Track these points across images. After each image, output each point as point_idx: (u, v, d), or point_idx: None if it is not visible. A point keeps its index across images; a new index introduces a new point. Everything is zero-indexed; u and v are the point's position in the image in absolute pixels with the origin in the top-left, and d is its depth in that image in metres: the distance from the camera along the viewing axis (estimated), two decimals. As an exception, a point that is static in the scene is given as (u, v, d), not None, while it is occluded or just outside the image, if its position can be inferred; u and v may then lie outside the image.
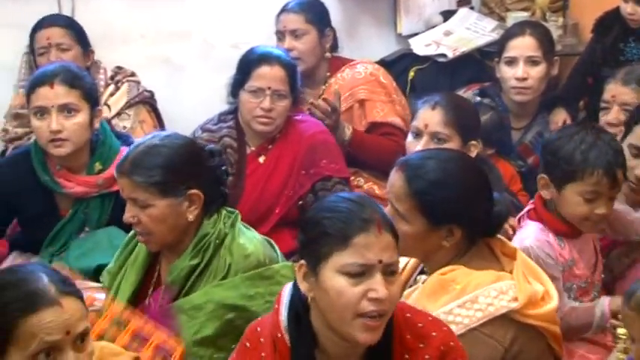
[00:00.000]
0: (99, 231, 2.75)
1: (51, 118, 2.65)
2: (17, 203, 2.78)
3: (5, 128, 3.41)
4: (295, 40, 3.38)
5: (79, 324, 1.63)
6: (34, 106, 2.68)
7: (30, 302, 1.59)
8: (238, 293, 2.16)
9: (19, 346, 1.59)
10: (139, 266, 2.29)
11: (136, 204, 2.18)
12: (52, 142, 2.67)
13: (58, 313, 1.60)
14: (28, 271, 1.66)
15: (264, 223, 2.94)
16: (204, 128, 3.12)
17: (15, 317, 1.58)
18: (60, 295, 1.61)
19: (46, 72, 2.74)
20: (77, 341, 1.63)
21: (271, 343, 1.75)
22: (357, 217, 1.69)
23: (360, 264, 1.67)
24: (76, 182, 2.74)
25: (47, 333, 1.58)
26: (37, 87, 2.68)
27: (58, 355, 1.60)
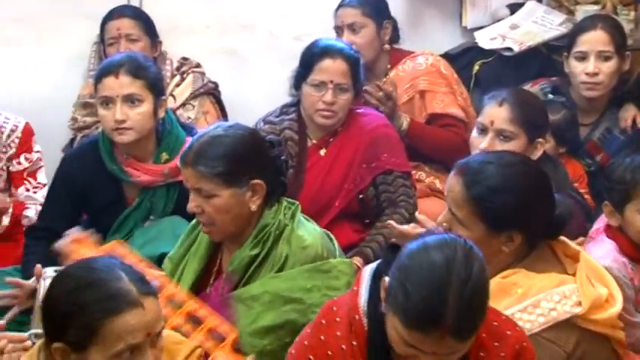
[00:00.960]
0: (163, 220, 2.78)
1: (116, 108, 2.69)
2: (86, 191, 2.82)
3: (74, 117, 3.47)
4: (353, 34, 3.37)
5: (158, 324, 1.65)
6: (100, 96, 2.73)
7: (114, 304, 1.60)
8: (295, 285, 2.17)
9: (103, 346, 1.60)
10: (201, 255, 2.31)
11: (200, 194, 2.19)
12: (117, 130, 2.71)
13: (140, 315, 1.61)
14: (107, 269, 1.66)
15: (324, 216, 2.93)
16: (266, 120, 3.12)
17: (98, 318, 1.59)
18: (141, 297, 1.63)
19: (112, 62, 2.78)
20: (154, 339, 1.65)
21: (347, 323, 1.75)
22: (424, 314, 1.60)
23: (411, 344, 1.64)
24: (143, 171, 2.78)
25: (131, 335, 1.60)
26: (103, 77, 2.73)
27: (138, 354, 1.62)
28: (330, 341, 1.75)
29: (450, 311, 1.58)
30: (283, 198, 2.30)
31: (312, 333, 1.81)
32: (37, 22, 3.60)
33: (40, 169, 3.13)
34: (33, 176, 3.11)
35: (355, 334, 1.74)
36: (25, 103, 3.37)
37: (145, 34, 3.40)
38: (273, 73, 3.57)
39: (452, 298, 1.59)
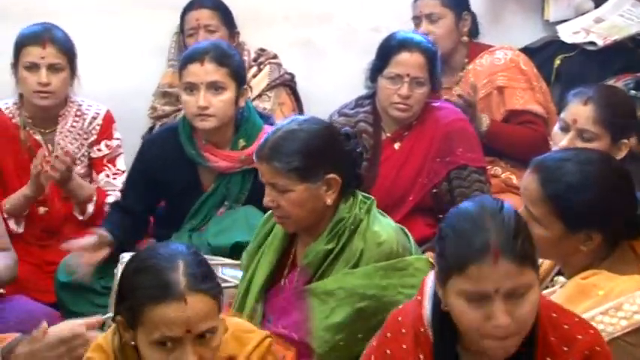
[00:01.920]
0: (237, 209, 2.81)
1: (199, 94, 2.73)
2: (164, 177, 2.86)
3: (154, 106, 3.53)
4: (431, 24, 3.33)
5: (202, 323, 1.63)
6: (185, 82, 2.77)
7: (158, 292, 1.62)
8: (371, 282, 2.15)
9: (144, 331, 1.64)
10: (275, 247, 2.31)
11: (275, 189, 2.20)
12: (199, 116, 2.74)
13: (181, 309, 1.61)
14: (168, 257, 1.67)
15: (398, 210, 2.92)
16: (341, 112, 3.11)
17: (143, 303, 1.62)
18: (189, 292, 1.62)
19: (198, 49, 2.81)
20: (200, 337, 1.64)
21: (413, 335, 1.72)
22: (472, 245, 1.59)
23: (474, 291, 1.59)
24: (220, 157, 2.81)
25: (168, 327, 1.61)
26: (189, 63, 2.76)
27: (178, 348, 1.63)
28: (396, 355, 1.71)
29: (492, 232, 1.59)
30: (359, 192, 2.29)
31: (378, 346, 1.78)
32: (121, 13, 3.67)
33: (119, 156, 3.19)
34: (113, 163, 3.17)
35: (421, 346, 1.70)
36: (106, 91, 3.44)
37: (224, 24, 3.43)
38: (349, 65, 3.55)
39: (490, 222, 1.60)
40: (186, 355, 1.62)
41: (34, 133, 3.08)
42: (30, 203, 2.97)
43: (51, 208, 3.05)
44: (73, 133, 3.12)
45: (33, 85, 2.97)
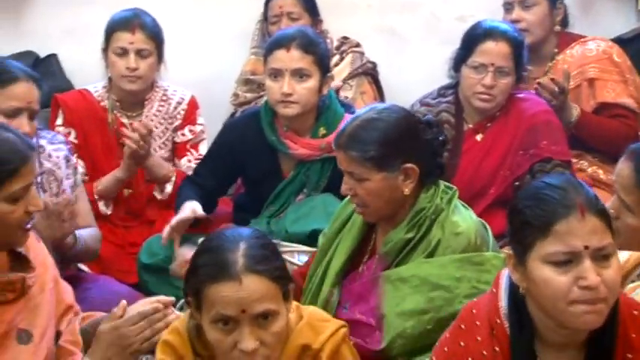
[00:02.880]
0: (315, 197, 2.82)
1: (284, 81, 2.74)
2: (244, 162, 2.90)
3: (236, 93, 3.57)
4: (524, 10, 3.26)
5: (258, 304, 1.65)
6: (270, 68, 2.78)
7: (215, 271, 1.65)
8: (445, 273, 2.13)
9: (205, 310, 1.67)
10: (355, 234, 2.31)
11: (353, 177, 2.19)
12: (282, 102, 2.75)
13: (235, 289, 1.64)
14: (231, 238, 1.71)
15: (478, 202, 2.88)
16: (423, 102, 3.09)
17: (202, 281, 1.66)
18: (244, 272, 1.65)
19: (285, 35, 2.82)
20: (259, 319, 1.66)
21: (488, 327, 1.70)
22: (557, 203, 1.59)
23: (564, 252, 1.57)
24: (301, 144, 2.82)
25: (222, 306, 1.64)
26: (275, 49, 2.77)
27: (236, 328, 1.65)
28: (470, 347, 1.70)
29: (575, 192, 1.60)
30: (441, 181, 2.26)
31: (452, 338, 1.76)
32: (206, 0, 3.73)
33: (202, 141, 3.23)
34: (195, 148, 3.22)
35: (497, 338, 1.68)
36: (191, 77, 3.50)
37: (307, 12, 3.44)
38: (432, 54, 3.52)
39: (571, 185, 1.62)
40: (243, 335, 1.63)
41: (121, 116, 3.15)
42: (121, 185, 3.05)
43: (135, 191, 3.12)
44: (158, 117, 3.18)
45: (122, 70, 3.04)
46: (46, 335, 1.94)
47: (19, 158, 1.85)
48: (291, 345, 1.73)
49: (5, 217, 1.85)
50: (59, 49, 3.74)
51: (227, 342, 1.64)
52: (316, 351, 1.78)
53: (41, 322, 1.94)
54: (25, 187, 1.87)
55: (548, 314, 1.63)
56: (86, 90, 3.18)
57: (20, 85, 2.38)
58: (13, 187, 1.84)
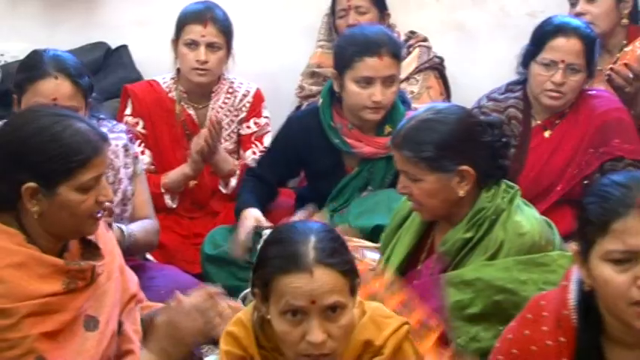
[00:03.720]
0: (379, 192, 2.81)
1: (376, 88, 2.72)
2: (307, 157, 2.91)
3: (301, 85, 3.58)
4: (589, 3, 3.20)
5: (328, 296, 1.65)
6: (360, 76, 2.73)
7: (286, 263, 1.66)
8: (510, 276, 2.10)
9: (274, 301, 1.68)
10: (413, 232, 2.30)
11: (407, 176, 2.19)
12: (372, 109, 2.74)
13: (306, 280, 1.64)
14: (302, 231, 1.72)
15: (545, 200, 2.84)
16: (491, 97, 3.04)
17: (272, 272, 1.67)
18: (315, 265, 1.65)
19: (374, 42, 2.73)
20: (327, 312, 1.66)
21: (555, 319, 1.67)
22: (617, 201, 1.56)
23: (621, 251, 1.54)
24: (366, 142, 2.81)
25: (292, 296, 1.64)
26: (366, 56, 2.72)
27: (304, 319, 1.66)
28: (534, 336, 1.68)
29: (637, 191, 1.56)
30: (503, 181, 2.23)
31: (517, 327, 1.74)
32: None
33: (266, 134, 3.25)
34: (260, 140, 3.23)
35: (563, 330, 1.65)
36: (257, 70, 3.52)
37: (374, 6, 3.41)
38: (501, 50, 3.47)
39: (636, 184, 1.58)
40: (313, 327, 1.64)
41: (188, 107, 3.19)
42: (188, 181, 3.09)
43: (200, 183, 3.15)
44: (224, 110, 3.21)
45: (191, 62, 3.07)
46: (110, 322, 1.98)
47: (90, 149, 1.88)
48: (354, 340, 1.73)
49: (76, 206, 1.88)
50: (130, 40, 3.80)
51: (295, 334, 1.65)
52: (378, 347, 1.77)
53: (107, 309, 1.97)
54: (96, 177, 1.89)
55: (611, 313, 1.60)
56: (155, 81, 3.22)
57: (47, 82, 2.38)
58: (84, 177, 1.87)
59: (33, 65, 2.43)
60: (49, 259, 1.87)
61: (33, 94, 2.37)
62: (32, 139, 1.84)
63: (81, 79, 2.43)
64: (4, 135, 1.90)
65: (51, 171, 1.84)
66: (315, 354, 1.65)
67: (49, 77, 2.38)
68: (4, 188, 1.87)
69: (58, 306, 1.85)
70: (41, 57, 2.44)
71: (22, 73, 2.46)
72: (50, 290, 1.85)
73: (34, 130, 1.85)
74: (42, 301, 1.83)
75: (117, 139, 2.60)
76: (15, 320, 1.79)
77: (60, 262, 1.88)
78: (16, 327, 1.79)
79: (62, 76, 2.39)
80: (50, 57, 2.44)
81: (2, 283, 1.79)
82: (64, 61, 2.44)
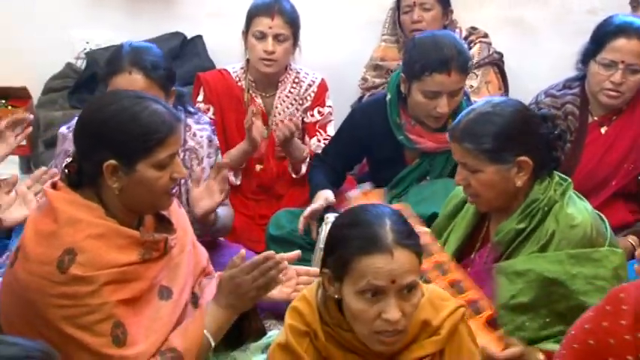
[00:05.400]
0: (438, 181, 2.81)
1: (442, 101, 2.68)
2: (369, 145, 2.91)
3: (365, 77, 3.58)
4: None
5: (406, 276, 1.66)
6: (428, 90, 2.69)
7: (367, 244, 1.66)
8: (561, 269, 2.07)
9: (351, 281, 1.68)
10: (468, 221, 2.29)
11: (466, 168, 2.17)
12: (436, 117, 2.72)
13: (387, 261, 1.65)
14: (378, 214, 1.72)
15: (599, 194, 2.80)
16: (548, 93, 2.99)
17: (352, 254, 1.67)
18: (395, 246, 1.66)
19: (443, 58, 2.66)
20: (403, 291, 1.67)
21: (634, 313, 1.62)
22: None
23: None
24: (428, 138, 2.80)
25: (374, 277, 1.65)
26: (435, 72, 2.65)
27: (382, 299, 1.67)
28: (612, 329, 1.63)
29: None
30: (556, 173, 2.20)
31: (595, 317, 1.69)
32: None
33: (329, 122, 3.26)
34: (323, 129, 3.25)
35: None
36: (322, 61, 3.53)
37: (438, 2, 3.39)
38: (560, 46, 3.42)
39: None
40: (390, 306, 1.65)
41: (255, 96, 3.22)
42: (246, 157, 3.11)
43: (266, 166, 3.19)
44: (289, 99, 3.23)
45: (259, 53, 3.10)
46: (183, 293, 2.02)
47: (166, 128, 1.91)
48: (413, 320, 1.73)
49: (153, 182, 1.91)
50: (205, 30, 3.85)
51: (371, 312, 1.66)
52: (435, 328, 1.77)
53: (180, 280, 2.01)
54: (171, 155, 1.93)
55: None
56: (225, 70, 3.26)
57: (122, 77, 2.43)
58: (161, 155, 1.90)
59: (112, 60, 2.49)
60: (127, 231, 1.91)
61: (112, 88, 2.43)
62: (113, 119, 1.89)
63: (155, 72, 2.46)
64: (88, 116, 1.95)
65: (130, 149, 1.88)
66: (390, 330, 1.66)
67: (123, 72, 2.44)
68: (87, 166, 1.92)
69: (134, 275, 1.90)
70: (120, 52, 2.49)
71: (105, 67, 2.54)
72: (127, 260, 1.89)
73: (115, 111, 1.89)
74: (120, 270, 1.87)
75: (202, 130, 2.66)
76: (95, 287, 1.83)
77: (136, 234, 1.93)
78: (96, 294, 1.83)
79: (135, 70, 2.44)
80: (128, 52, 2.48)
81: (84, 253, 1.84)
82: (140, 55, 2.48)
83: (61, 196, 1.90)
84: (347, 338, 1.73)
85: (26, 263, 1.85)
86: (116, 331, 1.84)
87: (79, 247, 1.84)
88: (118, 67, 2.45)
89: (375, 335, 1.68)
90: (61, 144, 2.60)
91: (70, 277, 1.82)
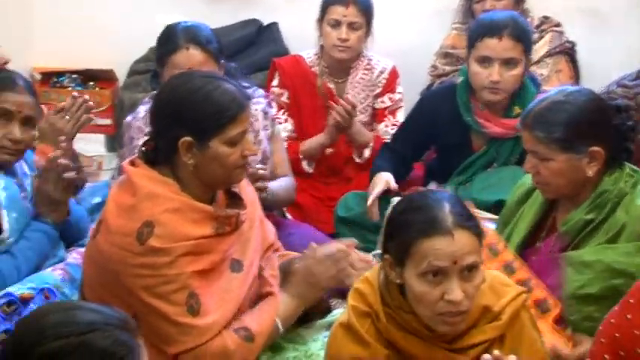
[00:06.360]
0: (505, 168, 2.77)
1: (493, 69, 2.67)
2: (436, 132, 2.89)
3: (435, 65, 3.55)
4: None
5: (467, 257, 1.65)
6: (480, 55, 2.70)
7: (428, 227, 1.66)
8: (631, 261, 2.02)
9: (413, 264, 1.68)
10: (535, 210, 2.25)
11: (536, 156, 2.14)
12: (489, 89, 2.69)
13: (448, 242, 1.65)
14: (437, 198, 1.72)
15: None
16: (620, 83, 2.91)
17: (414, 237, 1.67)
18: (455, 228, 1.65)
19: (497, 23, 2.70)
20: (465, 272, 1.67)
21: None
22: None
23: None
24: (495, 123, 2.77)
25: (435, 258, 1.65)
26: (486, 37, 2.68)
27: (444, 279, 1.66)
28: (636, 321, 1.62)
29: None
30: (627, 165, 2.15)
31: (620, 311, 1.69)
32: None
33: (399, 109, 3.25)
34: (393, 114, 3.25)
35: None
36: (394, 48, 3.51)
37: (509, -9, 3.34)
38: (634, 36, 3.31)
39: None
40: (453, 287, 1.65)
41: (328, 81, 3.24)
42: (323, 149, 3.15)
43: (336, 150, 3.22)
44: (361, 85, 3.24)
45: (334, 40, 3.12)
46: (252, 266, 2.05)
47: (237, 106, 1.94)
48: (474, 305, 1.72)
49: (225, 158, 1.95)
50: (280, 17, 3.88)
51: (434, 293, 1.66)
52: (496, 313, 1.76)
53: (250, 254, 2.05)
54: (242, 132, 1.96)
55: None
56: (300, 56, 3.29)
57: (180, 54, 2.45)
58: (232, 132, 1.94)
59: (167, 40, 2.51)
60: (201, 206, 1.95)
61: (171, 67, 2.45)
62: (188, 98, 1.92)
63: (210, 46, 2.48)
64: (163, 96, 1.99)
65: (204, 126, 1.92)
66: (453, 311, 1.66)
67: (180, 49, 2.46)
68: (163, 143, 1.96)
69: (208, 248, 1.94)
70: (174, 30, 2.51)
71: (159, 49, 2.55)
72: (201, 233, 1.93)
73: (189, 90, 1.93)
74: (195, 243, 1.91)
75: (256, 103, 2.67)
76: (172, 258, 1.88)
77: (209, 209, 1.96)
78: (173, 264, 1.88)
79: (192, 45, 2.46)
80: (181, 30, 2.50)
81: (161, 226, 1.88)
82: (193, 31, 2.50)
83: (139, 172, 1.96)
84: (408, 320, 1.73)
85: (108, 235, 1.91)
86: (190, 301, 1.88)
87: (157, 220, 1.89)
88: (175, 45, 2.47)
89: (439, 317, 1.68)
90: (127, 132, 2.64)
91: (149, 248, 1.87)
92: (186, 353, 1.89)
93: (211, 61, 2.47)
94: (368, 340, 1.73)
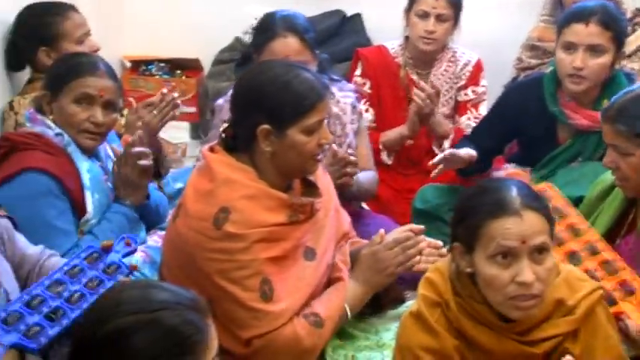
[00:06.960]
0: (588, 163, 2.69)
1: (577, 55, 2.59)
2: (521, 124, 2.82)
3: (520, 57, 3.48)
4: None
5: (536, 237, 1.64)
6: (565, 41, 2.63)
7: (496, 208, 1.66)
8: None
9: (482, 247, 1.66)
10: (615, 207, 2.20)
11: (616, 150, 2.08)
12: (571, 76, 2.62)
13: (516, 222, 1.63)
14: (504, 183, 1.73)
15: None
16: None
17: (482, 219, 1.66)
18: (523, 208, 1.64)
19: (585, 9, 2.64)
20: (534, 253, 1.64)
21: None
22: None
23: None
24: (582, 115, 2.69)
25: (504, 238, 1.63)
26: (573, 22, 2.62)
27: (514, 261, 1.64)
28: None
29: None
30: None
31: None
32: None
33: (482, 102, 3.20)
34: (476, 107, 3.20)
35: None
36: (479, 40, 3.45)
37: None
38: None
39: None
40: (523, 268, 1.63)
41: (412, 73, 3.21)
42: (403, 141, 3.13)
43: (416, 142, 3.19)
44: (445, 77, 3.20)
45: (420, 31, 3.09)
46: (326, 255, 2.06)
47: (315, 94, 1.95)
48: (547, 298, 1.69)
49: (301, 147, 1.96)
50: (364, 8, 3.88)
51: (504, 276, 1.64)
52: (571, 307, 1.72)
53: (323, 242, 2.06)
54: (319, 121, 1.97)
55: None
56: (384, 46, 3.28)
57: (278, 42, 2.47)
58: (310, 120, 1.95)
59: (265, 27, 2.54)
60: (276, 194, 1.97)
61: (268, 54, 2.48)
62: (267, 87, 1.94)
63: (307, 35, 2.51)
64: (243, 84, 2.02)
65: (282, 114, 1.93)
66: (526, 294, 1.63)
67: (279, 37, 2.49)
68: (242, 131, 1.99)
69: (282, 235, 1.96)
70: (273, 19, 2.54)
71: (257, 36, 2.58)
72: (276, 220, 1.95)
73: (269, 78, 1.95)
74: (269, 230, 1.93)
75: (345, 97, 2.68)
76: (247, 244, 1.91)
77: (285, 197, 1.98)
78: (247, 250, 1.91)
79: (290, 34, 2.49)
80: (280, 18, 2.53)
81: (237, 212, 1.91)
82: (292, 19, 2.53)
83: (218, 159, 1.99)
84: (479, 310, 1.71)
85: (186, 219, 1.95)
86: (264, 287, 1.91)
87: (233, 206, 1.91)
88: (273, 33, 2.50)
89: (510, 301, 1.65)
90: (218, 114, 2.70)
91: (225, 233, 1.90)
92: (258, 338, 1.92)
93: (307, 51, 2.50)
94: (437, 330, 1.73)
